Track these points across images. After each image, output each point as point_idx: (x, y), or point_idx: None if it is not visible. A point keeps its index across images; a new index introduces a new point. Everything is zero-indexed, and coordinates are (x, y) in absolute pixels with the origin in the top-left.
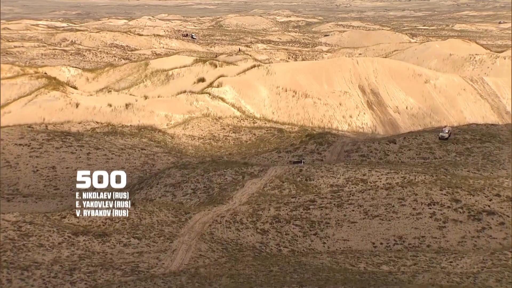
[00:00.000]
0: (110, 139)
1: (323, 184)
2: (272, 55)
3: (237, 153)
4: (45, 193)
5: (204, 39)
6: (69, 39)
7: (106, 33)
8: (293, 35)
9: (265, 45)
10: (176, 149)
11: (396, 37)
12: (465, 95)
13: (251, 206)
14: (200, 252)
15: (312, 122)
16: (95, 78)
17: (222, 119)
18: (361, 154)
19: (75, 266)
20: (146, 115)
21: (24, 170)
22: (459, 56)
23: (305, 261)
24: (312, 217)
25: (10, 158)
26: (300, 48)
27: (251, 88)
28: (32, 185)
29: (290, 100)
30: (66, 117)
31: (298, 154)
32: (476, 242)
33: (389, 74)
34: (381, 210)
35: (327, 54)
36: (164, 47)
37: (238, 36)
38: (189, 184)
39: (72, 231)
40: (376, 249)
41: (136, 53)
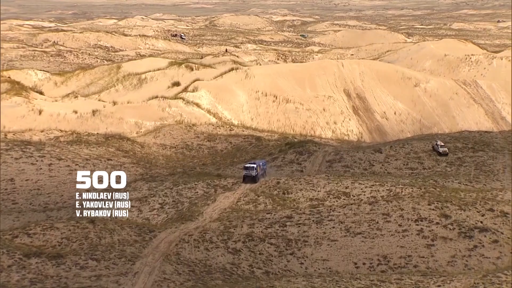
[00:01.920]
0: (74, 148)
1: (302, 198)
2: (260, 56)
3: (211, 164)
4: (2, 208)
5: (193, 39)
6: (51, 40)
7: (90, 34)
8: (286, 35)
9: (255, 45)
10: (146, 160)
11: (391, 37)
12: (457, 99)
13: (222, 223)
14: (165, 275)
15: (293, 129)
16: (64, 82)
17: (196, 127)
18: (344, 164)
19: None
20: (114, 122)
21: None
22: (454, 56)
23: (278, 286)
24: (289, 235)
25: None
26: (290, 48)
27: (229, 92)
28: None
29: (270, 105)
30: (27, 125)
31: (276, 164)
32: (467, 262)
33: (376, 78)
34: (364, 226)
35: (318, 54)
36: (149, 47)
37: (229, 36)
38: (156, 199)
39: (23, 252)
40: (358, 270)
41: (119, 54)
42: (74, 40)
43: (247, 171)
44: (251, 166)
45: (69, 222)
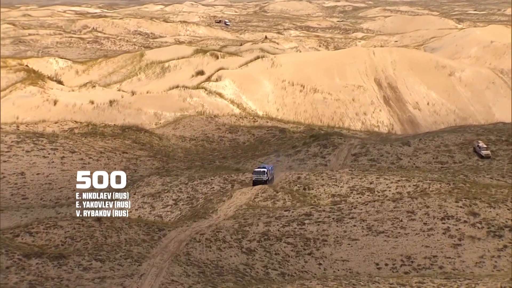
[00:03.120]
0: (89, 141)
1: (323, 194)
2: (301, 43)
3: (231, 157)
4: (12, 203)
5: (237, 25)
6: (90, 26)
7: (130, 20)
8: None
9: (298, 31)
10: (163, 152)
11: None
12: (494, 89)
13: (237, 220)
14: (173, 277)
15: (321, 120)
16: (86, 71)
17: (218, 118)
18: (370, 158)
19: None
20: (132, 113)
21: None
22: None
23: None
24: (307, 234)
25: None
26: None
27: (254, 82)
28: None
29: (297, 95)
30: (42, 116)
31: (299, 157)
32: (496, 263)
33: (409, 66)
34: (387, 225)
35: (361, 41)
36: (190, 34)
37: (275, 22)
38: (170, 194)
39: (24, 252)
40: (380, 272)
41: (158, 41)
42: (113, 26)
43: (258, 175)
44: (261, 171)
45: (74, 220)
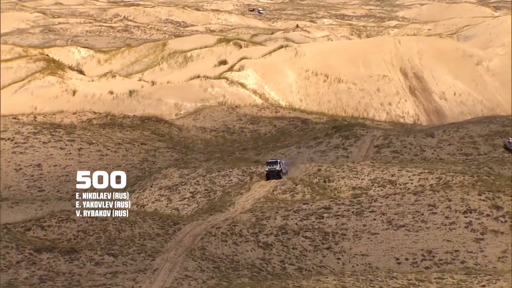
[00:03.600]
0: (107, 132)
1: (344, 187)
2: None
3: (252, 148)
4: (28, 196)
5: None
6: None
7: (161, 8)
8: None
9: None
10: (182, 144)
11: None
12: None
13: (254, 214)
14: (186, 272)
15: (345, 111)
16: (108, 60)
17: (240, 108)
18: (393, 149)
19: None
20: (152, 103)
21: (5, 168)
22: None
23: (305, 286)
24: (326, 228)
25: None
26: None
27: (277, 72)
28: (13, 186)
29: (320, 85)
30: (60, 106)
31: (320, 149)
32: None
33: (435, 55)
34: (408, 219)
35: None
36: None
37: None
38: (187, 187)
39: (34, 247)
40: (400, 266)
41: (189, 29)
42: (144, 15)
43: (271, 166)
44: (274, 161)
45: None
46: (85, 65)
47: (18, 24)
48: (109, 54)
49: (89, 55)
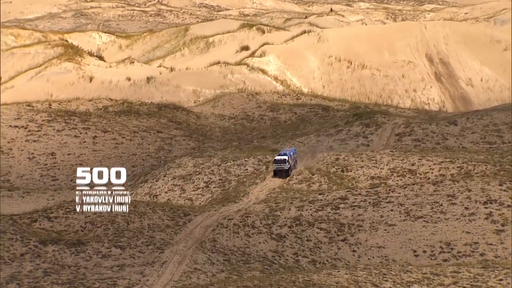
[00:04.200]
0: (123, 119)
1: (362, 176)
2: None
3: (271, 136)
4: (41, 185)
5: None
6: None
7: None
8: None
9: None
10: (200, 132)
11: None
12: None
13: (268, 204)
14: (196, 265)
15: (368, 98)
16: (130, 46)
17: (260, 95)
18: (414, 138)
19: (36, 285)
20: (170, 90)
21: (18, 157)
22: None
23: (316, 280)
24: (342, 219)
25: (3, 142)
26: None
27: (299, 57)
28: (26, 175)
29: (344, 71)
30: (76, 93)
31: (340, 138)
32: None
33: (462, 41)
34: (426, 209)
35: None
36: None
37: None
38: (202, 176)
39: (40, 239)
40: (418, 259)
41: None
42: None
43: (279, 164)
44: (282, 159)
45: None
46: (106, 50)
47: (50, 9)
48: (130, 40)
49: (111, 40)
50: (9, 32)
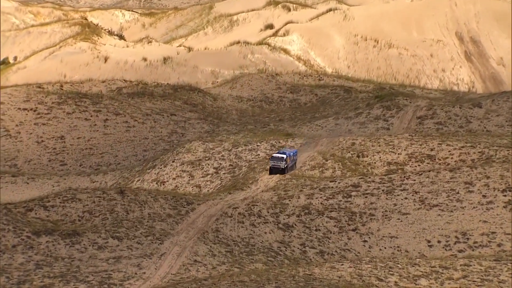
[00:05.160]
0: (136, 102)
1: (378, 162)
2: None
3: (288, 119)
4: (49, 170)
5: None
6: None
7: None
8: None
9: None
10: (215, 114)
11: None
12: None
13: (277, 192)
14: (196, 257)
15: (395, 78)
16: (153, 24)
17: (280, 76)
18: (437, 121)
19: (26, 278)
20: (187, 71)
21: (26, 140)
22: None
23: (317, 274)
24: (353, 207)
25: (11, 125)
26: None
27: (324, 36)
28: (34, 160)
29: (370, 51)
30: (90, 74)
31: (359, 121)
32: None
33: (494, 19)
34: (442, 197)
35: None
36: None
37: None
38: (211, 162)
39: (33, 229)
40: (432, 250)
41: None
42: None
43: (275, 162)
44: (280, 157)
45: (94, 192)
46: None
47: None
48: (154, 18)
49: (134, 18)
50: (28, 10)
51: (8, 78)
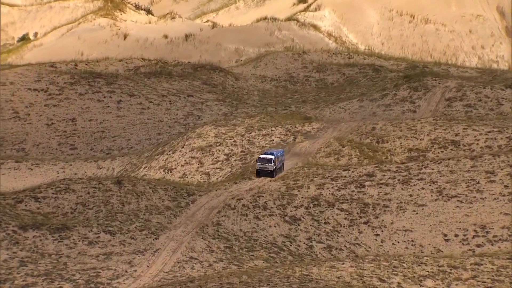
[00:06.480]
0: (152, 82)
1: (398, 148)
2: None
3: (312, 101)
4: (58, 154)
5: None
6: None
7: None
8: None
9: None
10: (235, 96)
11: None
12: None
13: (285, 182)
14: (192, 253)
15: (431, 55)
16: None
17: (307, 54)
18: (466, 103)
19: (8, 277)
20: (210, 48)
21: (35, 123)
22: None
23: (314, 275)
24: (366, 198)
25: (20, 107)
26: None
27: (357, 11)
28: (43, 143)
29: (405, 26)
30: (109, 52)
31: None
32: None
33: None
34: (461, 188)
35: None
36: None
37: None
38: (222, 148)
39: (20, 223)
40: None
41: None
42: None
43: (263, 164)
44: (267, 158)
45: (89, 183)
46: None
47: None
48: None
49: None
50: None
51: (23, 56)
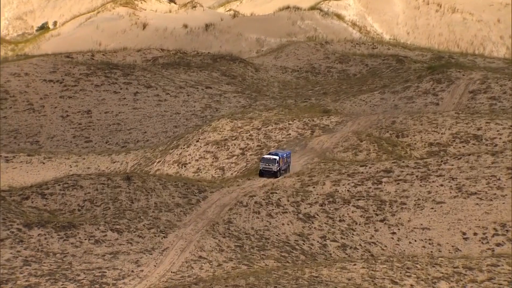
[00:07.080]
0: (170, 73)
1: (419, 143)
2: None
3: (333, 93)
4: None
5: None
6: None
7: None
8: None
9: None
10: (254, 87)
11: None
12: None
13: (300, 178)
14: (201, 252)
15: (458, 45)
16: None
17: (330, 45)
18: (490, 96)
19: (10, 277)
20: (231, 39)
21: (50, 115)
22: None
23: (324, 276)
24: (383, 195)
25: (35, 98)
26: None
27: (383, 0)
28: (57, 136)
29: (432, 16)
30: (127, 42)
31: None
32: None
33: None
34: (481, 184)
35: None
36: None
37: None
38: (238, 142)
39: (25, 221)
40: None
41: None
42: None
43: (266, 164)
44: (271, 158)
45: (98, 179)
46: None
47: None
48: None
49: None
50: None
51: (40, 46)
